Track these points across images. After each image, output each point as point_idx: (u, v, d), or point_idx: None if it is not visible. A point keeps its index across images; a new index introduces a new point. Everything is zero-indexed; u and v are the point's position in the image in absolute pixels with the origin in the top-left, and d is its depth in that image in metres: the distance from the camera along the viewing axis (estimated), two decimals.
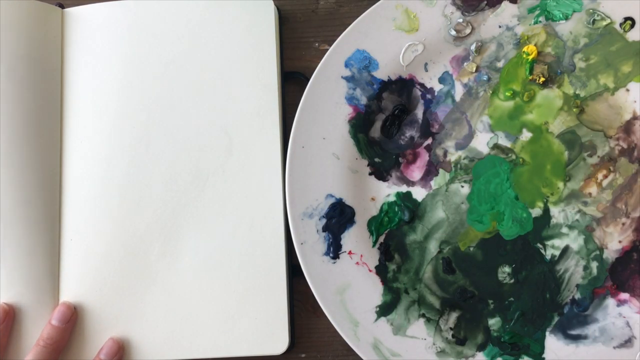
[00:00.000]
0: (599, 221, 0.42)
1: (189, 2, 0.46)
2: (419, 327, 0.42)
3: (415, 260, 0.43)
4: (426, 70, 0.44)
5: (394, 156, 0.44)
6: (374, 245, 0.43)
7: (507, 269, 0.42)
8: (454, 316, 0.42)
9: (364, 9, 0.43)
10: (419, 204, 0.43)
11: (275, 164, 0.44)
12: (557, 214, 0.42)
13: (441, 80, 0.44)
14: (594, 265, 0.41)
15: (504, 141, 0.43)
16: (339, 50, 0.43)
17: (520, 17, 0.43)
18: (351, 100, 0.43)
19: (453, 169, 0.43)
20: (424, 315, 0.42)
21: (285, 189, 0.42)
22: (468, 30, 0.43)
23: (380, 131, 0.44)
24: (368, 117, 0.44)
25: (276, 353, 0.43)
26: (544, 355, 0.41)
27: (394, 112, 0.44)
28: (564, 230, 0.42)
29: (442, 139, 0.44)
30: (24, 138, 0.44)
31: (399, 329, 0.41)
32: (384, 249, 0.43)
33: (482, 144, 0.43)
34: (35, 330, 0.43)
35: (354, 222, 0.43)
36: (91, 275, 0.44)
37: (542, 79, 0.43)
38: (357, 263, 0.42)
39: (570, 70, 0.43)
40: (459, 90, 0.44)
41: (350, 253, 0.42)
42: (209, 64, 0.46)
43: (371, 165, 0.44)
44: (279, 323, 0.43)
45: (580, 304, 0.41)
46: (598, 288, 0.41)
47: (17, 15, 0.45)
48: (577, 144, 0.42)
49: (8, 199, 0.43)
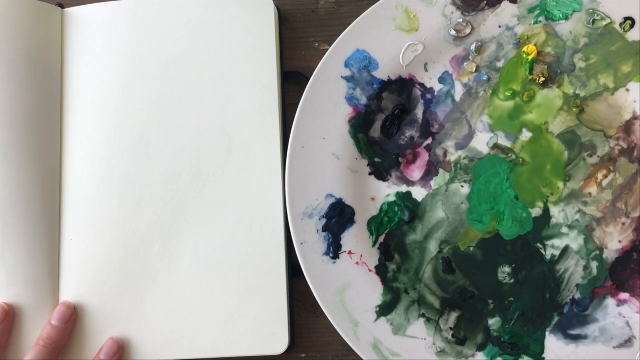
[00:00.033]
0: (599, 221, 0.42)
1: (189, 2, 0.46)
2: (419, 327, 0.42)
3: (415, 260, 0.43)
4: (426, 70, 0.44)
5: (394, 156, 0.44)
6: (374, 245, 0.43)
7: (507, 269, 0.42)
8: (454, 316, 0.42)
9: (364, 9, 0.43)
10: (419, 204, 0.43)
11: (275, 164, 0.44)
12: (557, 214, 0.42)
13: (441, 80, 0.44)
14: (594, 265, 0.41)
15: (504, 141, 0.43)
16: (339, 50, 0.43)
17: (520, 17, 0.43)
18: (351, 100, 0.43)
19: (453, 169, 0.43)
20: (424, 315, 0.42)
21: (285, 189, 0.42)
22: (468, 30, 0.43)
23: (380, 131, 0.44)
24: (368, 117, 0.44)
25: (276, 353, 0.43)
26: (544, 355, 0.41)
27: (394, 112, 0.44)
28: (564, 230, 0.42)
29: (442, 139, 0.44)
30: (24, 138, 0.44)
31: (399, 329, 0.41)
32: (384, 249, 0.43)
33: (482, 144, 0.43)
34: (35, 330, 0.43)
35: (354, 222, 0.43)
36: (91, 275, 0.44)
37: (542, 79, 0.43)
38: (357, 263, 0.42)
39: (570, 70, 0.43)
40: (459, 90, 0.44)
41: (350, 253, 0.42)
42: (209, 64, 0.46)
43: (371, 165, 0.44)
44: (279, 323, 0.43)
45: (580, 304, 0.41)
46: (598, 288, 0.41)
47: (17, 15, 0.45)
48: (577, 144, 0.42)
49: (8, 199, 0.43)
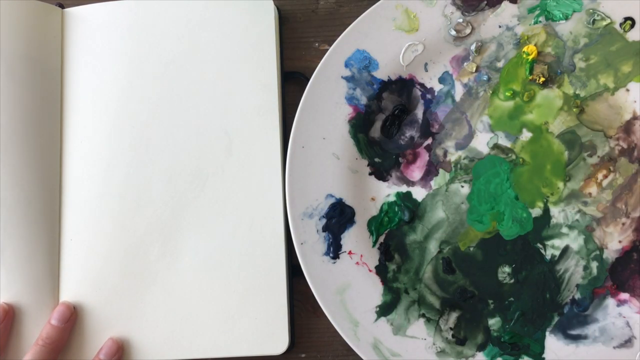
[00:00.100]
0: (599, 221, 0.42)
1: (189, 2, 0.46)
2: (419, 327, 0.42)
3: (415, 260, 0.43)
4: (426, 70, 0.44)
5: (394, 156, 0.44)
6: (374, 245, 0.43)
7: (507, 269, 0.42)
8: (454, 316, 0.42)
9: (364, 9, 0.43)
10: (419, 204, 0.43)
11: (275, 164, 0.44)
12: (557, 214, 0.42)
13: (441, 80, 0.44)
14: (594, 265, 0.41)
15: (504, 141, 0.43)
16: (339, 50, 0.43)
17: (520, 17, 0.43)
18: (351, 100, 0.43)
19: (453, 169, 0.43)
20: (424, 315, 0.42)
21: (285, 189, 0.42)
22: (468, 30, 0.43)
23: (380, 131, 0.44)
24: (368, 117, 0.44)
25: (276, 353, 0.43)
26: (544, 355, 0.41)
27: (394, 112, 0.44)
28: (564, 230, 0.42)
29: (442, 139, 0.44)
30: (24, 138, 0.44)
31: (399, 329, 0.41)
32: (384, 249, 0.43)
33: (482, 144, 0.43)
34: (35, 330, 0.43)
35: (354, 222, 0.43)
36: (91, 275, 0.44)
37: (542, 79, 0.43)
38: (357, 263, 0.42)
39: (570, 70, 0.43)
40: (459, 90, 0.44)
41: (350, 253, 0.42)
42: (209, 64, 0.46)
43: (371, 165, 0.44)
44: (279, 323, 0.43)
45: (580, 304, 0.41)
46: (598, 288, 0.41)
47: (17, 15, 0.45)
48: (577, 144, 0.42)
49: (8, 199, 0.43)
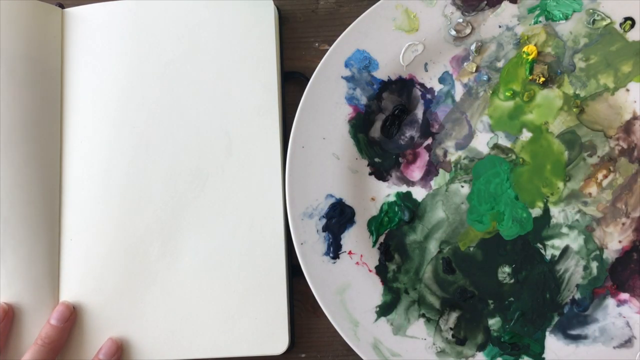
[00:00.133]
0: (599, 221, 0.42)
1: (189, 2, 0.46)
2: (419, 327, 0.42)
3: (415, 260, 0.43)
4: (426, 70, 0.44)
5: (394, 156, 0.44)
6: (374, 245, 0.43)
7: (507, 269, 0.42)
8: (454, 316, 0.42)
9: (364, 9, 0.43)
10: (419, 204, 0.43)
11: (275, 164, 0.44)
12: (557, 214, 0.42)
13: (441, 80, 0.44)
14: (594, 265, 0.41)
15: (504, 141, 0.43)
16: (339, 50, 0.43)
17: (520, 17, 0.43)
18: (351, 100, 0.43)
19: (453, 169, 0.43)
20: (424, 315, 0.42)
21: (285, 189, 0.42)
22: (468, 30, 0.43)
23: (380, 131, 0.44)
24: (368, 117, 0.44)
25: (276, 353, 0.43)
26: (544, 355, 0.41)
27: (394, 112, 0.44)
28: (564, 230, 0.42)
29: (442, 139, 0.44)
30: (24, 138, 0.44)
31: (399, 329, 0.41)
32: (384, 249, 0.43)
33: (482, 144, 0.43)
34: (35, 330, 0.43)
35: (354, 222, 0.43)
36: (91, 275, 0.44)
37: (542, 79, 0.43)
38: (357, 263, 0.42)
39: (570, 70, 0.43)
40: (459, 90, 0.44)
41: (350, 253, 0.42)
42: (209, 64, 0.46)
43: (371, 165, 0.44)
44: (279, 323, 0.43)
45: (580, 304, 0.41)
46: (598, 288, 0.41)
47: (17, 15, 0.45)
48: (577, 144, 0.42)
49: (8, 199, 0.43)
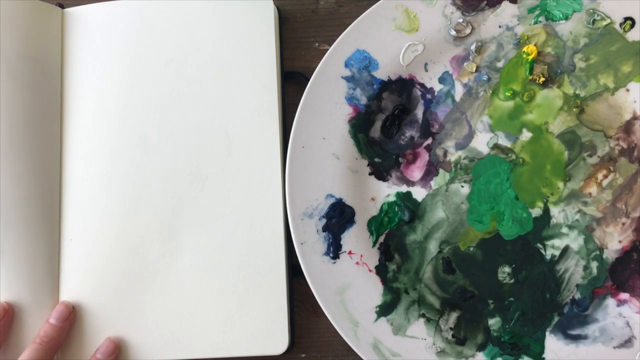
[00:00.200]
0: (599, 221, 0.42)
1: (189, 2, 0.46)
2: (419, 327, 0.42)
3: (415, 260, 0.43)
4: (426, 70, 0.44)
5: (394, 156, 0.44)
6: (374, 245, 0.43)
7: (507, 269, 0.42)
8: (454, 316, 0.42)
9: (364, 9, 0.43)
10: (419, 204, 0.43)
11: (275, 164, 0.44)
12: (557, 214, 0.42)
13: (441, 80, 0.44)
14: (594, 265, 0.41)
15: (504, 141, 0.43)
16: (339, 50, 0.43)
17: (520, 17, 0.43)
18: (351, 100, 0.43)
19: (453, 169, 0.43)
20: (424, 315, 0.42)
21: (285, 189, 0.42)
22: (468, 30, 0.43)
23: (380, 131, 0.44)
24: (368, 117, 0.44)
25: (276, 353, 0.43)
26: (544, 355, 0.41)
27: (394, 112, 0.44)
28: (564, 230, 0.42)
29: (442, 139, 0.44)
30: (24, 138, 0.44)
31: (399, 329, 0.41)
32: (384, 249, 0.43)
33: (482, 144, 0.43)
34: (35, 329, 0.43)
35: (354, 222, 0.43)
36: (91, 275, 0.44)
37: (542, 79, 0.43)
38: (357, 263, 0.42)
39: (570, 70, 0.43)
40: (459, 90, 0.44)
41: (350, 253, 0.42)
42: (209, 64, 0.46)
43: (371, 165, 0.44)
44: (279, 323, 0.43)
45: (580, 304, 0.41)
46: (598, 288, 0.41)
47: (17, 15, 0.45)
48: (577, 144, 0.42)
49: (8, 199, 0.43)
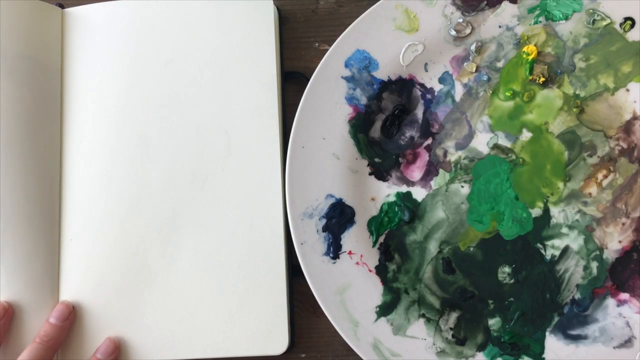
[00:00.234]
0: (599, 221, 0.42)
1: (189, 2, 0.46)
2: (419, 327, 0.42)
3: (415, 260, 0.43)
4: (426, 70, 0.44)
5: (394, 156, 0.44)
6: (374, 245, 0.43)
7: (507, 269, 0.42)
8: (454, 316, 0.42)
9: (364, 9, 0.43)
10: (419, 204, 0.43)
11: (275, 164, 0.44)
12: (557, 214, 0.42)
13: (441, 80, 0.44)
14: (594, 265, 0.41)
15: (504, 141, 0.43)
16: (339, 50, 0.43)
17: (520, 17, 0.43)
18: (351, 100, 0.43)
19: (453, 169, 0.43)
20: (424, 315, 0.42)
21: (285, 189, 0.42)
22: (468, 30, 0.43)
23: (380, 131, 0.44)
24: (368, 117, 0.44)
25: (276, 353, 0.43)
26: (544, 355, 0.41)
27: (394, 112, 0.44)
28: (564, 230, 0.42)
29: (442, 139, 0.44)
30: (24, 138, 0.44)
31: (399, 329, 0.41)
32: (384, 249, 0.43)
33: (482, 144, 0.43)
34: (35, 328, 0.43)
35: (354, 222, 0.43)
36: (91, 275, 0.44)
37: (542, 79, 0.43)
38: (357, 263, 0.42)
39: (570, 70, 0.43)
40: (459, 90, 0.44)
41: (350, 253, 0.42)
42: (209, 64, 0.46)
43: (371, 165, 0.44)
44: (279, 323, 0.43)
45: (580, 304, 0.41)
46: (598, 288, 0.41)
47: (17, 15, 0.45)
48: (577, 144, 0.42)
49: (8, 199, 0.43)
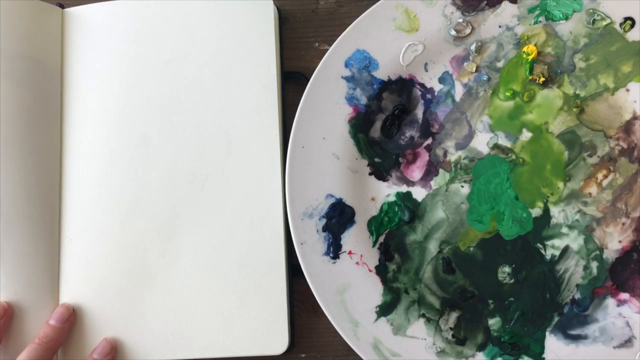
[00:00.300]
0: (599, 221, 0.42)
1: (189, 2, 0.46)
2: (419, 327, 0.42)
3: (415, 260, 0.43)
4: (426, 70, 0.44)
5: (394, 156, 0.44)
6: (374, 245, 0.43)
7: (507, 269, 0.42)
8: (454, 316, 0.42)
9: (364, 9, 0.43)
10: (419, 204, 0.43)
11: (275, 164, 0.44)
12: (557, 214, 0.42)
13: (441, 80, 0.44)
14: (594, 265, 0.41)
15: (504, 141, 0.43)
16: (339, 50, 0.43)
17: (520, 17, 0.43)
18: (351, 100, 0.43)
19: (453, 169, 0.43)
20: (424, 315, 0.42)
21: (285, 189, 0.42)
22: (468, 30, 0.43)
23: (380, 131, 0.44)
24: (368, 117, 0.44)
25: (276, 353, 0.43)
26: (544, 355, 0.41)
27: (394, 112, 0.44)
28: (564, 230, 0.42)
29: (442, 139, 0.44)
30: (24, 138, 0.44)
31: (399, 329, 0.41)
32: (384, 249, 0.43)
33: (482, 144, 0.43)
34: (34, 329, 0.43)
35: (354, 222, 0.43)
36: (91, 275, 0.44)
37: (542, 79, 0.43)
38: (357, 263, 0.42)
39: (570, 70, 0.43)
40: (459, 90, 0.44)
41: (350, 253, 0.42)
42: (209, 64, 0.46)
43: (371, 165, 0.44)
44: (279, 323, 0.43)
45: (580, 304, 0.41)
46: (598, 288, 0.41)
47: (17, 15, 0.45)
48: (577, 144, 0.42)
49: (8, 199, 0.43)
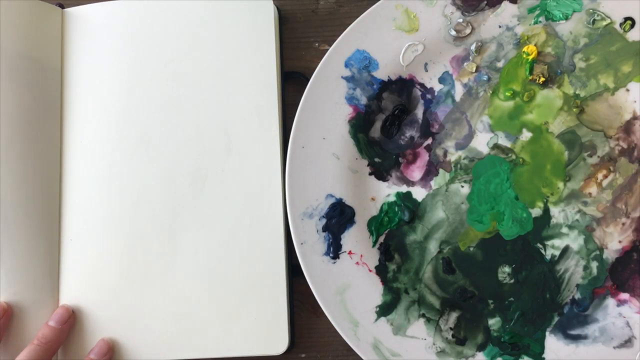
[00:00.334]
0: (599, 221, 0.42)
1: (189, 2, 0.46)
2: (419, 327, 0.42)
3: (415, 260, 0.43)
4: (426, 70, 0.44)
5: (394, 156, 0.44)
6: (374, 245, 0.43)
7: (507, 269, 0.42)
8: (454, 316, 0.42)
9: (364, 9, 0.43)
10: (419, 204, 0.43)
11: (275, 164, 0.44)
12: (557, 214, 0.42)
13: (441, 80, 0.44)
14: (594, 265, 0.41)
15: (504, 141, 0.43)
16: (339, 50, 0.43)
17: (520, 17, 0.43)
18: (351, 100, 0.43)
19: (453, 169, 0.43)
20: (424, 315, 0.42)
21: (285, 189, 0.42)
22: (468, 30, 0.43)
23: (380, 131, 0.44)
24: (368, 117, 0.44)
25: (276, 353, 0.43)
26: (544, 355, 0.41)
27: (394, 112, 0.44)
28: (564, 230, 0.42)
29: (442, 139, 0.44)
30: (24, 138, 0.44)
31: (399, 329, 0.41)
32: (384, 249, 0.43)
33: (482, 144, 0.43)
34: (34, 330, 0.43)
35: (354, 222, 0.43)
36: (91, 275, 0.44)
37: (542, 79, 0.43)
38: (357, 263, 0.42)
39: (570, 70, 0.43)
40: (459, 90, 0.44)
41: (350, 253, 0.42)
42: (209, 64, 0.46)
43: (371, 165, 0.44)
44: (279, 323, 0.43)
45: (580, 304, 0.41)
46: (598, 288, 0.41)
47: (17, 15, 0.45)
48: (577, 144, 0.42)
49: (8, 199, 0.43)
